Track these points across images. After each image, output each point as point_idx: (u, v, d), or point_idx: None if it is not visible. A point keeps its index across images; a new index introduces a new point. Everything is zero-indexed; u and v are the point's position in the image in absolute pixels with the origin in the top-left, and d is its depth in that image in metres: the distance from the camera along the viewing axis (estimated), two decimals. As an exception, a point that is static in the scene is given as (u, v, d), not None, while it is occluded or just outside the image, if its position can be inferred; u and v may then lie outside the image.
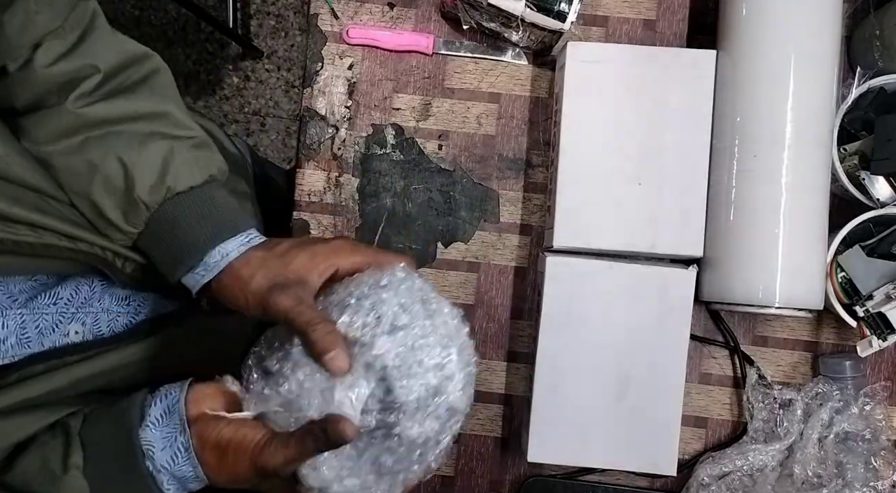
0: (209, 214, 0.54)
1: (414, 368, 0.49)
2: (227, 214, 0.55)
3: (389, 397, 0.49)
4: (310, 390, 0.49)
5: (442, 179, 0.81)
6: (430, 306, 0.52)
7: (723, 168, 0.73)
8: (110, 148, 0.53)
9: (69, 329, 0.56)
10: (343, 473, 0.49)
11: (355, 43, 0.81)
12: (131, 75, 0.55)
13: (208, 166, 0.56)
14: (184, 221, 0.54)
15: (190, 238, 0.53)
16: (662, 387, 0.73)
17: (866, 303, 0.72)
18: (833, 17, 0.71)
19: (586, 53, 0.74)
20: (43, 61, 0.52)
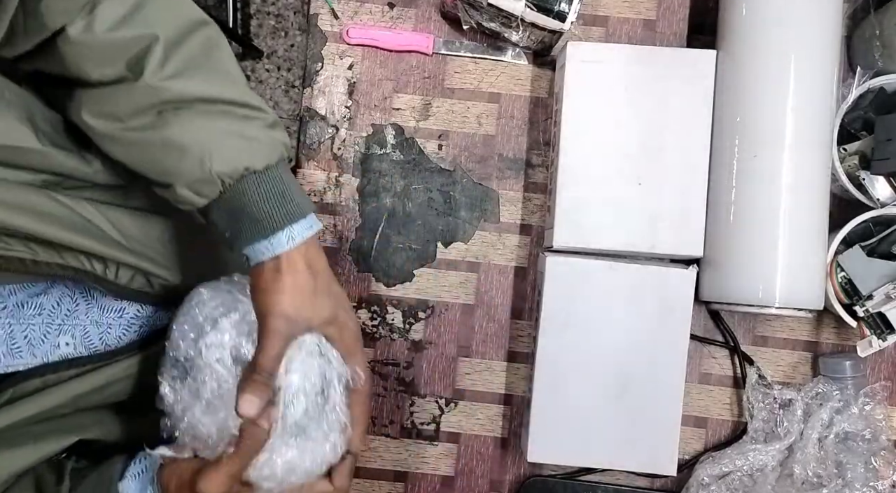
0: (282, 195, 0.55)
1: None
2: (296, 195, 0.56)
3: None
4: (209, 422, 0.54)
5: (442, 179, 0.81)
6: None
7: (723, 168, 0.73)
8: (188, 124, 0.52)
9: (59, 341, 0.56)
10: (277, 459, 0.54)
11: (355, 43, 0.81)
12: (192, 46, 0.53)
13: (281, 146, 0.56)
14: (259, 198, 0.54)
15: (262, 215, 0.54)
16: (662, 387, 0.73)
17: (866, 303, 0.72)
18: (833, 17, 0.71)
19: (586, 53, 0.74)
20: (103, 25, 0.50)
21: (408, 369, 0.81)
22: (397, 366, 0.80)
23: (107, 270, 0.55)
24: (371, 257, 0.81)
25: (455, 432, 0.81)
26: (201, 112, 0.52)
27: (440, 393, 0.81)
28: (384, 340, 0.81)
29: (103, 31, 0.50)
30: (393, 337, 0.81)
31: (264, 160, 0.54)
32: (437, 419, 0.81)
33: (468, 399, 0.81)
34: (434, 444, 0.81)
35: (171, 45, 0.52)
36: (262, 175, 0.54)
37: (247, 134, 0.53)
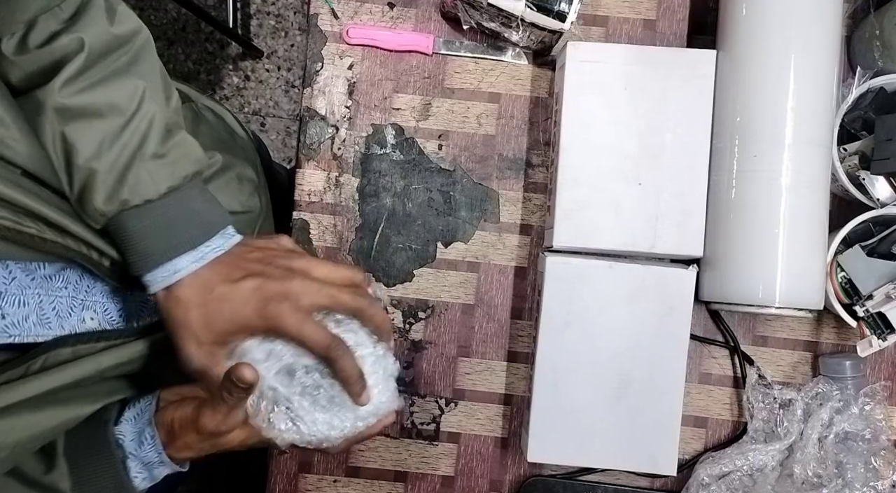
0: (163, 229, 0.54)
1: None
2: (182, 226, 0.54)
3: None
4: None
5: (442, 179, 0.81)
6: None
7: (723, 168, 0.73)
8: (77, 146, 0.52)
9: (84, 316, 0.56)
10: (290, 416, 0.55)
11: (355, 43, 0.81)
12: (116, 60, 0.54)
13: (172, 174, 0.54)
14: (137, 232, 0.53)
15: (143, 249, 0.53)
16: (662, 387, 0.73)
17: (866, 303, 0.73)
18: (833, 17, 0.71)
19: (586, 53, 0.74)
20: (36, 40, 0.51)
21: (408, 369, 0.81)
22: (397, 366, 0.80)
23: (102, 258, 0.55)
24: (371, 257, 0.81)
25: (455, 432, 0.81)
26: (94, 131, 0.52)
27: (440, 393, 0.81)
28: (384, 340, 0.81)
29: (35, 46, 0.51)
30: (393, 337, 0.81)
31: (144, 194, 0.53)
32: (437, 419, 0.81)
33: (468, 399, 0.81)
34: (434, 444, 0.81)
35: (91, 57, 0.52)
36: (141, 209, 0.53)
37: (133, 164, 0.53)
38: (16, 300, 0.50)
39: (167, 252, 0.54)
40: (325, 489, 0.80)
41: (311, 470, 0.80)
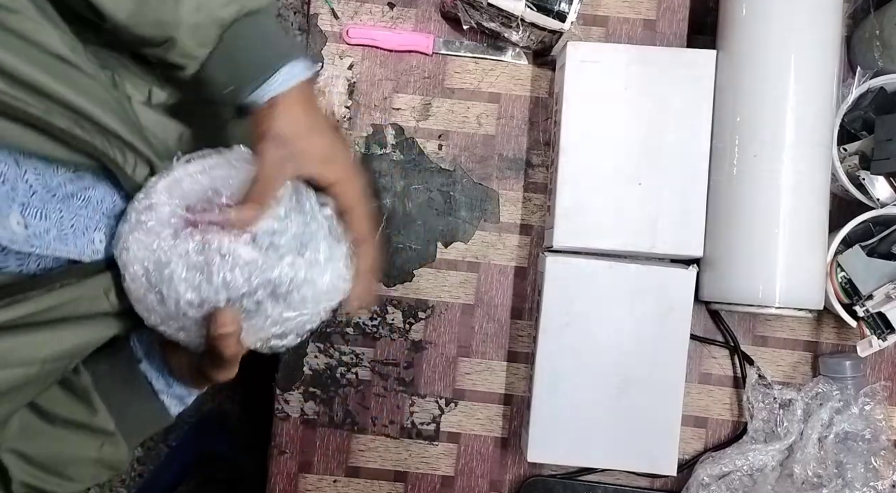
0: (275, 37, 0.57)
1: None
2: (288, 38, 0.57)
3: None
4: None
5: (442, 179, 0.81)
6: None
7: (723, 168, 0.73)
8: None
9: (94, 236, 0.56)
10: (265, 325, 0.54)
11: (355, 43, 0.81)
12: None
13: None
14: (255, 39, 0.56)
15: (262, 55, 0.56)
16: (662, 387, 0.73)
17: (866, 303, 0.73)
18: (833, 17, 0.71)
19: (586, 53, 0.74)
20: None
21: (408, 369, 0.81)
22: (397, 366, 0.80)
23: (125, 161, 0.55)
24: (371, 257, 0.81)
25: (455, 432, 0.81)
26: None
27: (440, 393, 0.81)
28: (384, 340, 0.81)
29: None
30: (393, 337, 0.81)
31: (258, 2, 0.56)
32: (437, 418, 0.81)
33: (468, 399, 0.81)
34: (434, 444, 0.81)
35: None
36: (257, 16, 0.56)
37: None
38: (38, 213, 0.51)
39: (285, 56, 0.56)
40: (325, 489, 0.80)
41: (311, 470, 0.80)
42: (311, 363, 0.80)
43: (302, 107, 0.56)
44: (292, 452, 0.80)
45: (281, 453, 0.80)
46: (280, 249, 0.53)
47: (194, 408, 0.62)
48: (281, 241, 0.54)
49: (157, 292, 0.53)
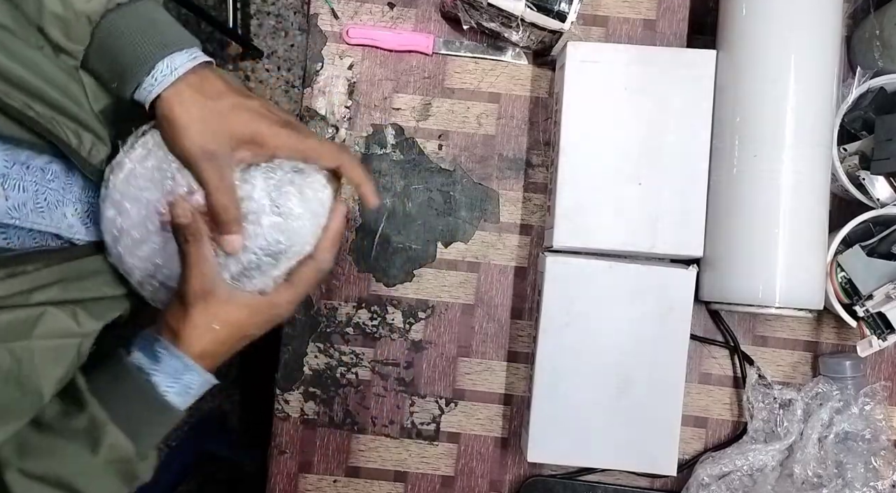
0: (154, 27, 0.54)
1: None
2: (171, 27, 0.55)
3: None
4: None
5: (442, 179, 0.81)
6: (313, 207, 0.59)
7: (723, 168, 0.73)
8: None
9: (66, 211, 0.56)
10: None
11: (355, 43, 0.81)
12: None
13: None
14: (129, 32, 0.54)
15: (138, 49, 0.53)
16: (662, 387, 0.73)
17: (866, 303, 0.72)
18: (833, 17, 0.71)
19: (586, 53, 0.74)
20: None
21: (408, 369, 0.81)
22: (397, 366, 0.80)
23: (81, 143, 0.55)
24: (371, 257, 0.81)
25: (455, 432, 0.81)
26: None
27: (440, 393, 0.81)
28: (384, 340, 0.81)
29: None
30: (393, 337, 0.81)
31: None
32: (437, 419, 0.81)
33: (468, 399, 0.81)
34: (434, 444, 0.81)
35: None
36: (133, 7, 0.54)
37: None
38: (17, 185, 0.51)
39: (163, 48, 0.54)
40: (325, 489, 0.80)
41: (311, 470, 0.80)
42: (311, 363, 0.80)
43: (198, 98, 0.54)
44: (292, 452, 0.80)
45: (281, 453, 0.80)
46: (254, 215, 0.56)
47: (194, 408, 0.60)
48: (252, 207, 0.56)
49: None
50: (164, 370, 0.55)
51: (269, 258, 0.57)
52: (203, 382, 0.57)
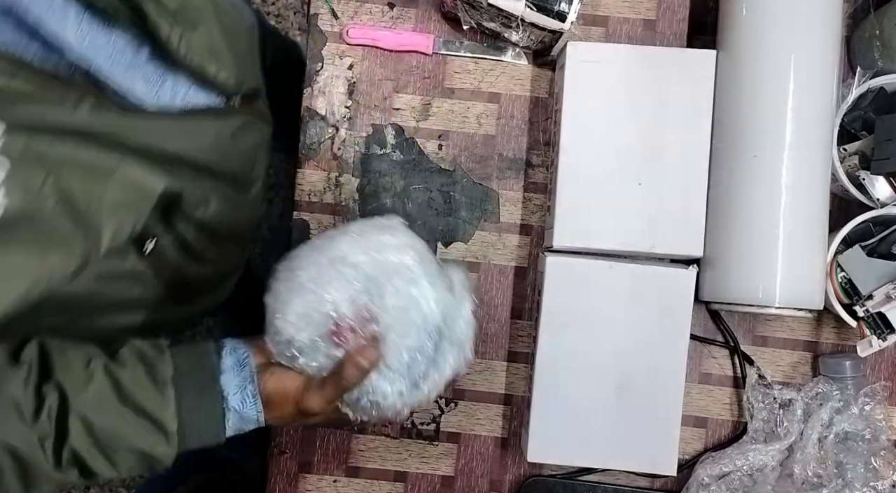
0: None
1: None
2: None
3: None
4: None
5: (442, 179, 0.81)
6: None
7: (723, 168, 0.73)
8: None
9: (137, 75, 0.57)
10: (387, 386, 0.60)
11: (355, 43, 0.81)
12: None
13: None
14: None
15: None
16: (662, 387, 0.73)
17: (866, 303, 0.72)
18: (833, 17, 0.71)
19: (586, 53, 0.74)
20: None
21: (408, 369, 0.81)
22: (397, 366, 0.80)
23: (171, 33, 0.56)
24: (371, 257, 0.81)
25: (455, 432, 0.81)
26: None
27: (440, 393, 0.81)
28: (384, 340, 0.81)
29: None
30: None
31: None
32: (437, 419, 0.81)
33: (468, 399, 0.81)
34: (434, 444, 0.81)
35: None
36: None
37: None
38: (91, 33, 0.53)
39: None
40: (325, 489, 0.80)
41: (311, 470, 0.80)
42: (311, 363, 0.80)
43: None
44: (292, 452, 0.80)
45: (281, 453, 0.80)
46: None
47: None
48: None
49: None
50: (243, 414, 0.58)
51: None
52: (252, 419, 0.59)
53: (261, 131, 0.73)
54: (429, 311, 0.59)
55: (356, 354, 0.57)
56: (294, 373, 0.59)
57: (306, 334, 0.58)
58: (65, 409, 0.52)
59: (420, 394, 0.60)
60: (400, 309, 0.58)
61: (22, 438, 0.51)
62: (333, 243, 0.59)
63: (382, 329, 0.58)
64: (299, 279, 0.58)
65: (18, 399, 0.51)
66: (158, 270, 0.63)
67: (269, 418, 0.59)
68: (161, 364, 0.55)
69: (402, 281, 0.58)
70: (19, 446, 0.50)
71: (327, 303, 0.57)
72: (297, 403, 0.59)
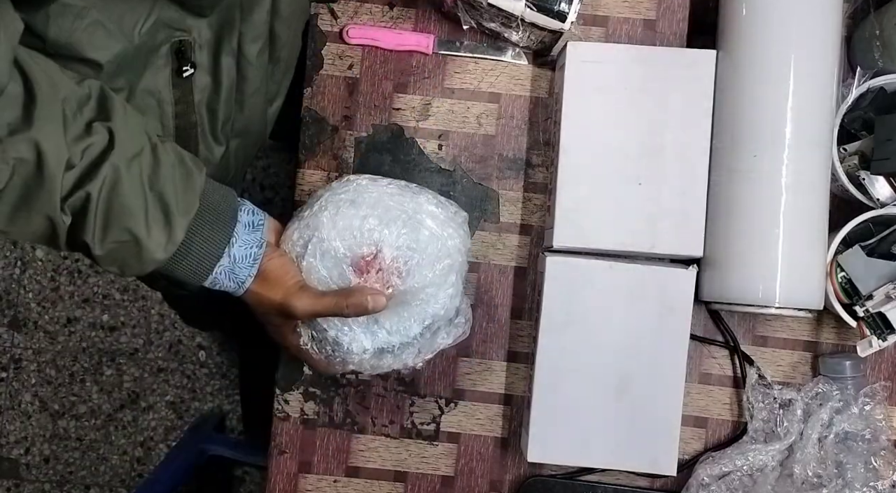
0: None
1: None
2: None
3: None
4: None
5: (442, 179, 0.81)
6: None
7: (723, 168, 0.73)
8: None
9: None
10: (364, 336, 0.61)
11: (355, 43, 0.81)
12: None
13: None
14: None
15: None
16: (662, 387, 0.73)
17: (866, 303, 0.72)
18: (833, 17, 0.71)
19: (586, 53, 0.74)
20: None
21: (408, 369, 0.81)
22: (397, 366, 0.80)
23: None
24: (371, 257, 0.81)
25: (455, 432, 0.81)
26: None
27: (440, 393, 0.81)
28: (384, 340, 0.81)
29: None
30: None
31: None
32: (437, 419, 0.81)
33: (468, 399, 0.81)
34: (434, 444, 0.81)
35: None
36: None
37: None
38: None
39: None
40: (325, 489, 0.80)
41: (311, 470, 0.80)
42: (311, 363, 0.80)
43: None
44: (292, 452, 0.80)
45: (281, 453, 0.80)
46: None
47: (195, 408, 0.61)
48: None
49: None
50: (235, 269, 0.58)
51: None
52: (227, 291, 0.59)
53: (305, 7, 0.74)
54: (442, 303, 0.60)
55: (369, 291, 0.57)
56: (296, 268, 0.59)
57: (338, 243, 0.58)
58: (104, 154, 0.50)
59: (378, 363, 0.61)
60: (426, 285, 0.59)
61: (54, 147, 0.48)
62: (416, 201, 0.61)
63: (400, 290, 0.58)
64: (367, 203, 0.59)
65: (69, 115, 0.49)
66: (182, 108, 0.62)
67: (253, 291, 0.58)
68: (198, 176, 0.55)
69: (447, 264, 0.60)
70: (47, 152, 0.48)
71: (378, 238, 0.58)
72: (285, 296, 0.58)
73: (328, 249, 0.58)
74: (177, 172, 0.54)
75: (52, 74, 0.50)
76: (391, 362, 0.61)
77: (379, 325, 0.59)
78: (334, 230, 0.58)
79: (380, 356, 0.61)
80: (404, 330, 0.60)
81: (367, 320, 0.59)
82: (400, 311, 0.59)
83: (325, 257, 0.58)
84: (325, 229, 0.58)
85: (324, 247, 0.58)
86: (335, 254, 0.58)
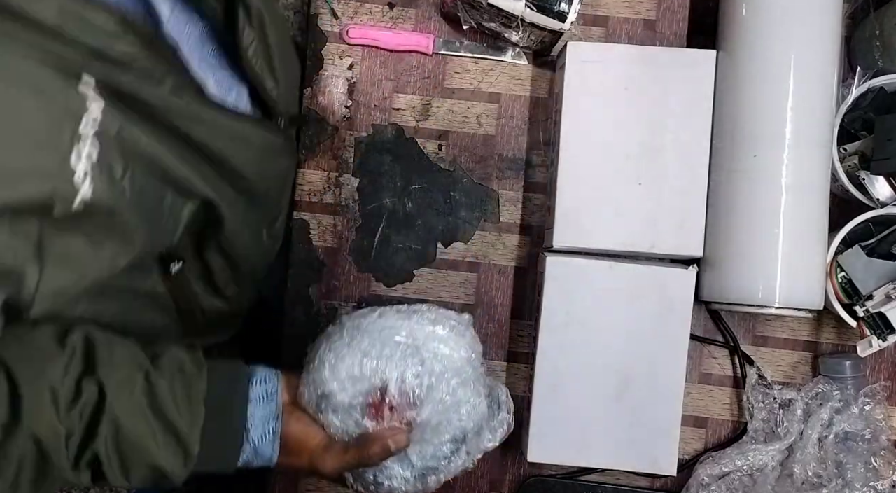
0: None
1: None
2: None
3: None
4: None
5: (442, 179, 0.81)
6: None
7: (723, 168, 0.73)
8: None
9: (204, 50, 0.58)
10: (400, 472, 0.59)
11: (355, 43, 0.81)
12: None
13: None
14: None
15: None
16: (662, 387, 0.73)
17: (866, 303, 0.72)
18: (833, 17, 0.71)
19: (586, 53, 0.74)
20: None
21: (408, 369, 0.80)
22: (397, 366, 0.80)
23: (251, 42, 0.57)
24: (371, 257, 0.81)
25: (455, 432, 0.81)
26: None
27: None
28: (384, 340, 0.80)
29: None
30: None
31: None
32: (437, 419, 0.81)
33: (468, 399, 0.81)
34: (434, 444, 0.80)
35: None
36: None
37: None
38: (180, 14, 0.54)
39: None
40: (326, 490, 0.80)
41: (311, 470, 0.80)
42: (311, 363, 0.80)
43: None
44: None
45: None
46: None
47: None
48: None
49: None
50: (259, 450, 0.57)
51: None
52: (266, 457, 0.57)
53: (292, 159, 0.72)
54: (466, 417, 0.59)
55: (388, 435, 0.56)
56: (317, 426, 0.58)
57: (348, 395, 0.57)
58: (99, 409, 0.50)
59: (423, 487, 0.60)
60: (443, 407, 0.58)
61: (50, 429, 0.48)
62: (410, 325, 0.60)
63: (420, 420, 0.58)
64: (363, 344, 0.58)
65: (57, 387, 0.49)
66: (177, 296, 0.62)
67: (281, 461, 0.57)
68: (198, 382, 0.54)
69: (458, 381, 0.59)
70: (45, 438, 0.48)
71: (381, 376, 0.57)
72: (311, 460, 0.57)
73: (338, 403, 0.58)
74: (176, 385, 0.53)
75: (35, 361, 0.50)
76: (440, 477, 0.61)
77: (411, 454, 0.59)
78: (336, 383, 0.57)
79: (424, 479, 0.60)
80: (439, 453, 0.60)
81: (399, 454, 0.59)
82: (427, 437, 0.59)
83: (336, 411, 0.58)
84: (329, 384, 0.57)
85: (333, 402, 0.58)
86: (344, 407, 0.58)
